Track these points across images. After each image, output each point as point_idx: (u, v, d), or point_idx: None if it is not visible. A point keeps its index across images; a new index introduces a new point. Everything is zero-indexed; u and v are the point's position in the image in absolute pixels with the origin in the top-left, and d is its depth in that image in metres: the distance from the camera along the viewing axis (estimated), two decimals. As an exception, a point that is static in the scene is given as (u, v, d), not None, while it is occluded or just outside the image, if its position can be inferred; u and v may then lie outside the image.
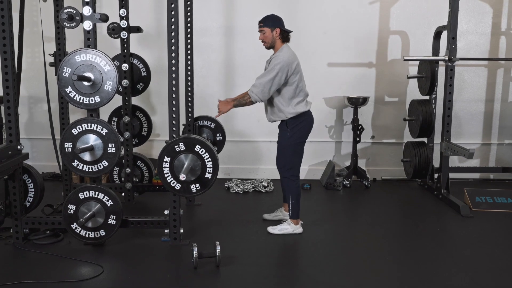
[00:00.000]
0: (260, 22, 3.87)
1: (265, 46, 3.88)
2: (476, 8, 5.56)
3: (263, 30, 3.84)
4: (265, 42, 3.85)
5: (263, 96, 3.77)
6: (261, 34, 3.85)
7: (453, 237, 4.03)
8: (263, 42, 3.87)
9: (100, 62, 3.30)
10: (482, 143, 5.83)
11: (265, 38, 3.84)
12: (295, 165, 3.94)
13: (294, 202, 3.93)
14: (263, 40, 3.86)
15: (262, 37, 3.85)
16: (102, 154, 3.37)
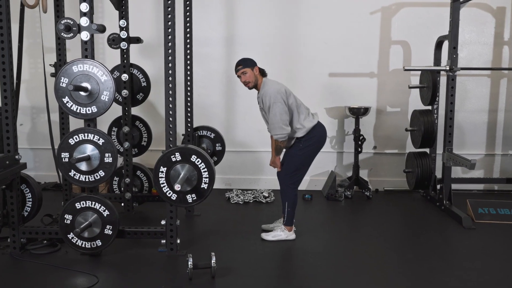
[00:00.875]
0: (239, 65, 3.91)
1: (248, 86, 3.91)
2: (479, 17, 5.54)
3: (245, 71, 3.88)
4: (249, 82, 3.88)
5: (284, 130, 3.80)
6: (242, 76, 3.89)
7: (455, 249, 3.97)
8: (246, 83, 3.89)
9: (97, 72, 3.31)
10: (485, 154, 5.77)
11: (248, 78, 3.87)
12: (298, 175, 3.96)
13: (290, 210, 3.94)
14: (246, 81, 3.88)
15: (245, 78, 3.88)
16: (98, 164, 3.36)
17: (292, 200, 3.94)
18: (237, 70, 3.93)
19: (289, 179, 3.93)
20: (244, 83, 3.90)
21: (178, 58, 4.56)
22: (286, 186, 3.94)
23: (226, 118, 5.74)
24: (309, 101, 4.17)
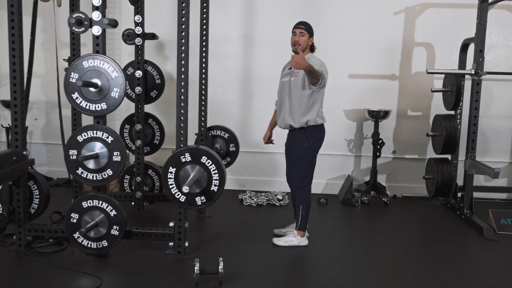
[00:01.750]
0: (302, 24, 3.77)
1: (295, 48, 3.73)
2: (507, 20, 5.31)
3: (304, 33, 3.74)
4: (300, 44, 3.72)
5: (325, 83, 3.65)
6: (299, 35, 3.73)
7: (475, 261, 3.78)
8: (296, 44, 3.73)
9: (107, 68, 3.22)
10: (510, 162, 5.54)
11: (302, 41, 3.73)
12: (310, 175, 3.83)
13: (304, 213, 3.81)
14: (298, 42, 3.73)
15: (300, 38, 3.73)
16: (107, 163, 3.28)
17: (306, 202, 3.81)
18: (297, 27, 3.77)
19: (302, 182, 3.81)
20: (296, 43, 3.73)
21: (193, 55, 4.49)
22: (300, 189, 3.81)
23: (242, 118, 5.63)
24: (327, 103, 4.01)
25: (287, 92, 3.78)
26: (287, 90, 3.78)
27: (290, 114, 3.77)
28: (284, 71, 3.91)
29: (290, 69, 3.81)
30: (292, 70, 3.77)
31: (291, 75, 3.77)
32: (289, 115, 3.78)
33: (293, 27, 3.80)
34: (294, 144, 3.83)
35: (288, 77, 3.80)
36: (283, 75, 3.90)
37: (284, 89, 3.82)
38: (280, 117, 3.88)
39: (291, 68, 3.79)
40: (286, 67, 3.92)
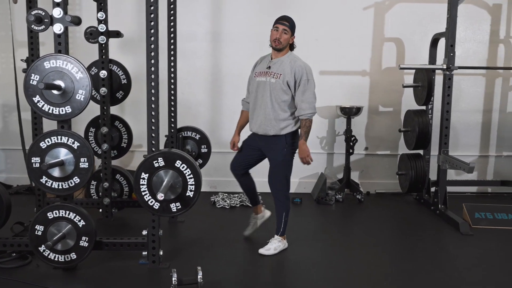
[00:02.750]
0: (287, 20, 3.50)
1: (276, 45, 3.47)
2: (474, 15, 5.35)
3: (287, 30, 3.48)
4: (281, 42, 3.47)
5: (315, 110, 3.55)
6: (281, 32, 3.46)
7: (454, 258, 3.76)
8: (277, 40, 3.46)
9: (71, 69, 3.01)
10: (479, 155, 5.60)
11: (283, 39, 3.47)
12: (289, 180, 3.70)
13: (286, 219, 3.69)
14: (279, 40, 3.46)
15: (281, 36, 3.46)
16: (73, 170, 3.07)
17: (288, 208, 3.69)
18: (280, 22, 3.49)
19: (284, 187, 3.64)
20: (276, 40, 3.46)
21: (161, 53, 4.27)
22: (283, 196, 3.65)
23: (212, 117, 5.47)
24: (300, 101, 3.92)
25: (267, 94, 3.51)
26: (267, 92, 3.51)
27: (270, 120, 3.52)
28: (259, 69, 3.61)
29: (268, 68, 3.54)
30: (270, 70, 3.51)
31: (270, 76, 3.51)
32: (269, 121, 3.52)
33: (275, 20, 3.53)
34: (272, 151, 3.61)
35: (266, 77, 3.52)
36: (257, 74, 3.60)
37: (262, 91, 3.54)
38: (256, 121, 3.59)
39: (269, 67, 3.53)
40: (261, 64, 3.63)
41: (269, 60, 3.56)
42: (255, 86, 3.60)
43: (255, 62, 3.73)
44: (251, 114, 3.65)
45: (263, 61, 3.64)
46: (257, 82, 3.58)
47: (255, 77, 3.62)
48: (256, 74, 3.62)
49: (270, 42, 3.52)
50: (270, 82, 3.49)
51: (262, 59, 3.67)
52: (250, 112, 3.66)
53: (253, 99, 3.62)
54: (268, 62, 3.55)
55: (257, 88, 3.58)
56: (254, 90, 3.60)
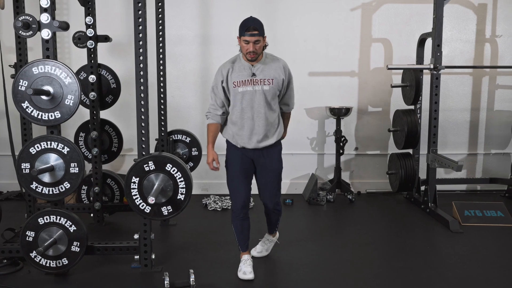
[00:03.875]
0: (255, 29, 3.03)
1: (252, 57, 3.08)
2: (460, 14, 5.41)
3: (258, 40, 3.05)
4: (256, 53, 3.07)
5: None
6: (252, 45, 3.03)
7: (444, 255, 3.80)
8: (251, 53, 3.06)
9: (60, 74, 3.00)
10: (468, 153, 5.66)
11: (258, 49, 3.08)
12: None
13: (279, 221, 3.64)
14: (255, 52, 3.06)
15: (255, 48, 3.05)
16: (63, 175, 3.07)
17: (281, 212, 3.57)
18: (248, 34, 3.02)
19: (279, 196, 3.44)
20: (251, 53, 3.05)
21: (150, 57, 4.28)
22: (279, 201, 3.44)
23: (203, 120, 5.44)
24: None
25: (262, 104, 3.15)
26: (261, 102, 3.15)
27: (269, 129, 3.23)
28: (237, 77, 3.14)
29: (253, 75, 3.14)
30: (257, 78, 3.14)
31: (261, 84, 3.14)
32: (268, 131, 3.22)
33: (242, 30, 3.06)
34: (272, 160, 3.30)
35: (253, 86, 3.14)
36: (238, 83, 3.14)
37: (252, 101, 3.15)
38: (254, 135, 3.20)
39: (253, 74, 3.14)
40: (237, 72, 3.16)
41: (249, 66, 3.15)
42: (239, 97, 3.16)
43: (220, 71, 3.23)
44: (239, 130, 3.21)
45: (239, 68, 3.17)
46: (242, 92, 3.15)
47: (236, 87, 3.15)
48: (236, 84, 3.15)
49: (242, 53, 3.13)
50: (263, 90, 3.14)
51: (232, 66, 3.19)
52: (238, 127, 3.22)
53: (239, 113, 3.19)
54: (250, 69, 3.15)
55: (242, 99, 3.16)
56: (239, 102, 3.17)
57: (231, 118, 3.25)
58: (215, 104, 3.26)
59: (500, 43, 5.46)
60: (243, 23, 3.08)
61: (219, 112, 3.25)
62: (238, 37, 3.11)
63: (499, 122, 5.59)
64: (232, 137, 3.27)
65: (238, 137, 3.24)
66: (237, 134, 3.24)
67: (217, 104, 3.25)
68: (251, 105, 3.16)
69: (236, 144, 3.26)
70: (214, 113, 3.27)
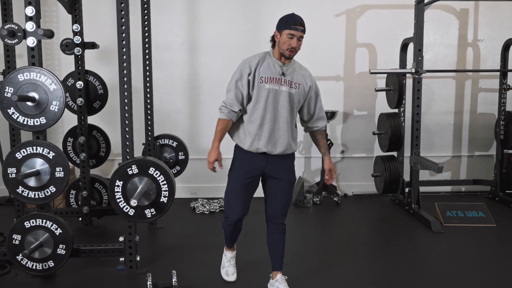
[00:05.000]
0: (302, 25, 2.89)
1: (290, 54, 2.89)
2: (443, 19, 5.52)
3: (303, 36, 2.91)
4: (296, 51, 2.92)
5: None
6: (296, 40, 2.87)
7: (425, 255, 3.89)
8: (293, 50, 2.88)
9: (45, 81, 3.08)
10: (452, 156, 5.76)
11: (298, 47, 2.92)
12: None
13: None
14: (295, 49, 2.89)
15: (298, 44, 2.89)
16: (49, 179, 3.14)
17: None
18: (296, 28, 2.86)
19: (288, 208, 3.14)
20: (293, 49, 2.87)
21: (137, 63, 4.39)
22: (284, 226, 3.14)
23: (191, 125, 5.56)
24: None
25: (286, 106, 2.93)
26: (285, 104, 2.92)
27: (290, 137, 2.99)
28: (267, 73, 2.91)
29: (282, 75, 2.93)
30: (286, 78, 2.93)
31: (288, 85, 2.93)
32: (289, 138, 2.98)
33: (285, 24, 2.90)
34: (286, 172, 3.06)
35: (280, 86, 2.92)
36: (266, 79, 2.90)
37: (277, 102, 2.92)
38: (272, 138, 2.94)
39: (283, 73, 2.93)
40: (266, 67, 2.93)
41: (279, 64, 2.94)
42: (264, 94, 2.91)
43: (247, 63, 2.98)
44: (258, 130, 2.93)
45: (268, 64, 2.95)
46: (268, 90, 2.90)
47: (263, 83, 2.91)
48: (263, 79, 2.91)
49: (280, 48, 2.90)
50: (289, 92, 2.93)
51: (262, 60, 2.97)
52: (257, 126, 2.94)
53: (261, 111, 2.92)
54: (280, 68, 2.94)
55: (267, 97, 2.91)
56: (264, 99, 2.92)
57: (250, 117, 2.95)
58: (234, 98, 2.93)
59: (482, 47, 5.58)
60: (288, 17, 2.92)
61: (236, 109, 2.93)
62: (276, 32, 2.94)
63: (482, 125, 5.69)
64: (246, 140, 2.97)
65: (255, 138, 2.94)
66: (256, 135, 2.94)
67: (237, 99, 2.93)
68: (275, 106, 2.92)
69: (250, 148, 2.96)
70: (230, 108, 2.94)
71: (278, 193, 3.04)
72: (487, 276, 3.44)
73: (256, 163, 2.99)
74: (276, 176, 3.02)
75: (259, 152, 2.96)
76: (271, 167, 2.99)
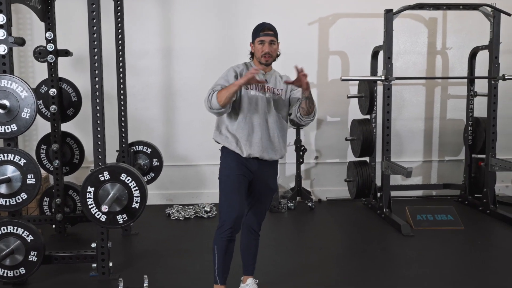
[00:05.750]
0: (270, 29, 2.96)
1: (267, 60, 2.93)
2: (412, 28, 5.67)
3: (274, 40, 2.96)
4: (271, 56, 2.94)
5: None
6: (268, 45, 2.93)
7: (394, 257, 3.99)
8: (267, 55, 2.92)
9: (16, 88, 3.10)
10: (423, 161, 5.90)
11: (274, 52, 2.96)
12: None
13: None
14: (269, 53, 2.93)
15: (271, 49, 2.94)
16: (20, 186, 3.15)
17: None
18: (265, 34, 2.93)
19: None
20: (266, 54, 2.91)
21: (112, 70, 4.42)
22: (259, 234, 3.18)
23: (166, 131, 5.59)
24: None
25: (272, 112, 2.96)
26: (273, 110, 2.96)
27: (277, 142, 2.99)
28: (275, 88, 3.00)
29: (265, 81, 2.98)
30: (269, 85, 2.98)
31: (270, 92, 2.98)
32: (276, 143, 2.98)
33: (254, 33, 3.00)
34: (270, 177, 3.05)
35: (268, 93, 2.96)
36: (255, 86, 2.95)
37: (269, 108, 2.96)
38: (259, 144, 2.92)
39: (266, 81, 2.98)
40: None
41: (262, 72, 2.99)
42: (251, 101, 2.94)
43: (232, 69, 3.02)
44: (248, 135, 2.92)
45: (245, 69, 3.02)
46: (255, 96, 2.94)
47: (248, 89, 2.95)
48: (249, 86, 2.94)
49: (256, 57, 2.98)
50: (273, 99, 2.98)
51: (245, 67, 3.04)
52: (246, 133, 2.93)
53: (249, 117, 2.93)
54: (263, 76, 3.00)
55: (255, 103, 2.94)
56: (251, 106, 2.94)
57: (238, 124, 2.93)
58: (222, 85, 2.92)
59: (450, 55, 5.74)
60: (257, 26, 3.01)
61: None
62: (251, 44, 3.03)
63: (451, 130, 5.85)
64: (236, 144, 2.93)
65: (246, 144, 2.91)
66: (246, 141, 2.91)
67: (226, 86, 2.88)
68: (263, 111, 2.94)
69: (241, 152, 2.92)
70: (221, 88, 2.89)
71: (263, 201, 3.06)
72: (453, 278, 3.55)
73: (247, 167, 2.94)
74: (263, 182, 3.00)
75: (251, 157, 2.93)
76: (259, 173, 2.97)
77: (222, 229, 2.86)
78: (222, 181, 2.97)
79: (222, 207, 2.92)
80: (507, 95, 5.61)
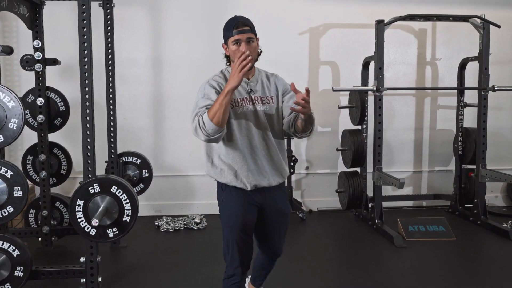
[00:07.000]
0: (245, 24, 2.46)
1: (250, 64, 2.31)
2: (402, 39, 5.69)
3: (252, 37, 2.46)
4: (252, 57, 2.37)
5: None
6: (245, 44, 2.44)
7: (387, 269, 3.96)
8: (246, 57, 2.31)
9: (3, 98, 3.01)
10: (413, 171, 5.90)
11: (252, 50, 2.45)
12: None
13: None
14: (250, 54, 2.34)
15: (249, 48, 2.43)
16: (7, 199, 3.04)
17: None
18: (240, 31, 2.45)
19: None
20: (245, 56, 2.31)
21: (100, 79, 4.34)
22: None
23: (155, 141, 5.51)
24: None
25: (267, 128, 2.54)
26: (266, 125, 2.53)
27: (280, 162, 2.59)
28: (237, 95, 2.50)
29: (250, 92, 2.54)
30: (256, 95, 2.54)
31: (259, 102, 2.54)
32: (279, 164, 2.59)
33: (226, 32, 2.52)
34: (281, 201, 2.68)
35: (257, 105, 2.53)
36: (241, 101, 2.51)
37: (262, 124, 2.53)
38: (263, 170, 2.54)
39: (251, 90, 2.54)
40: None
41: (244, 81, 2.54)
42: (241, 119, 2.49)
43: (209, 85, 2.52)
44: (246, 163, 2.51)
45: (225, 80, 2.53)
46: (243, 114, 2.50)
47: (234, 107, 2.49)
48: (234, 103, 2.48)
49: (233, 61, 2.44)
50: (263, 111, 2.54)
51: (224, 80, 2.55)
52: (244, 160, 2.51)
53: (242, 141, 2.51)
54: (247, 84, 2.55)
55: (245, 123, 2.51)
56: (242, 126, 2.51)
57: (233, 149, 2.50)
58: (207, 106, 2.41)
59: (440, 65, 5.77)
60: (228, 23, 2.50)
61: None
62: (223, 45, 2.55)
63: (441, 141, 5.86)
64: (235, 177, 2.51)
65: (248, 174, 2.51)
66: (247, 170, 2.50)
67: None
68: (256, 129, 2.51)
69: (244, 186, 2.52)
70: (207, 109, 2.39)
71: (280, 228, 2.71)
72: (447, 289, 3.53)
73: (251, 202, 2.55)
74: (276, 209, 2.63)
75: (259, 187, 2.54)
76: (269, 201, 2.59)
77: (232, 280, 2.61)
78: (225, 232, 2.59)
79: (226, 256, 2.63)
80: (496, 105, 5.65)
